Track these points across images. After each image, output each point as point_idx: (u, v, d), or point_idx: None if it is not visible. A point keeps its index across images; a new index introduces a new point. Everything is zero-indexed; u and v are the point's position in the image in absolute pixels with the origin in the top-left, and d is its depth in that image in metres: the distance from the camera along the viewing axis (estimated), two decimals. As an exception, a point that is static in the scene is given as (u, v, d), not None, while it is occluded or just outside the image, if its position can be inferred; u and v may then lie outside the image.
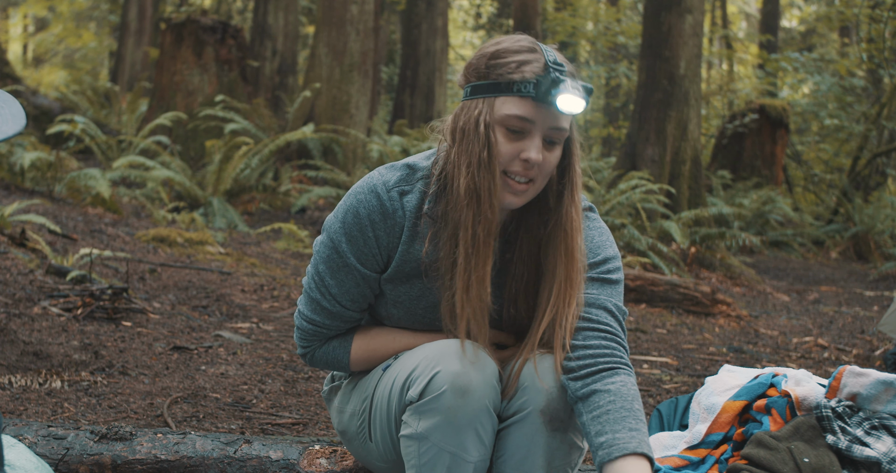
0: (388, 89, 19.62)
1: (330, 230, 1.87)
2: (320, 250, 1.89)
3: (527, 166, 1.75)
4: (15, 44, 29.59)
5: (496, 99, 1.75)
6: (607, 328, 1.79)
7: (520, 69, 1.73)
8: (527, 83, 1.72)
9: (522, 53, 1.75)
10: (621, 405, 1.70)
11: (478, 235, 1.76)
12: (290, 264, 6.36)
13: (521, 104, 1.73)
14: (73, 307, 4.26)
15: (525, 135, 1.75)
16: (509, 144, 1.75)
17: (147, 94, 13.70)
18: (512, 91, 1.73)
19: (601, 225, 1.92)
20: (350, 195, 1.87)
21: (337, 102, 10.22)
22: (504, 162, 1.76)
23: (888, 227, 10.86)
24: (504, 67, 1.75)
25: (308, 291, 1.92)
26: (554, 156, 1.78)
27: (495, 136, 1.75)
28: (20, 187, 7.22)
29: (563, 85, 1.70)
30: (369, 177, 1.87)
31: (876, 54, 11.50)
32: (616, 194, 8.17)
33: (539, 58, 1.74)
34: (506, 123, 1.74)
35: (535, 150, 1.74)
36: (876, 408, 2.33)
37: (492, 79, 1.76)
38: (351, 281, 1.87)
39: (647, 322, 5.43)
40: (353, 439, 1.98)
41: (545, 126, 1.74)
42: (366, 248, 1.84)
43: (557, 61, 1.74)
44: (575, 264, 1.79)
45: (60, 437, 2.23)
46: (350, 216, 1.84)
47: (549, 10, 18.31)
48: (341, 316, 1.92)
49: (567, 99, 1.70)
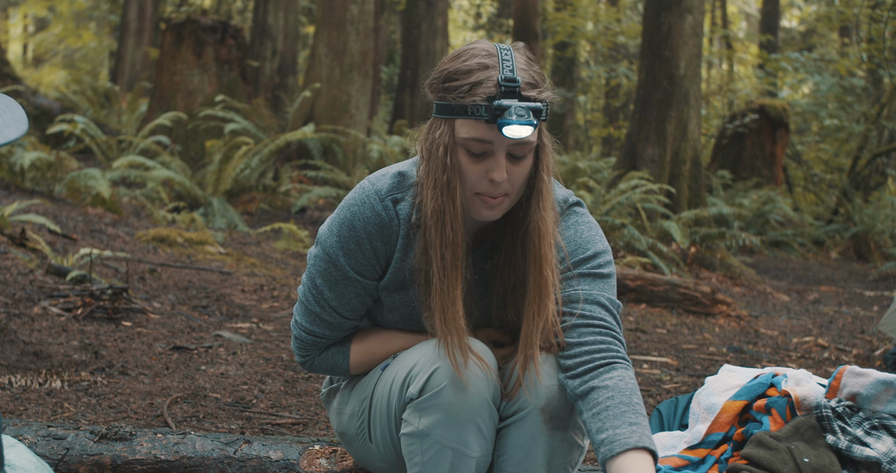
0: (388, 89, 19.62)
1: (325, 244, 1.85)
2: (316, 263, 1.87)
3: (494, 186, 1.73)
4: (15, 44, 29.59)
5: (455, 121, 1.73)
6: (601, 322, 1.79)
7: (471, 92, 1.69)
8: (478, 107, 1.68)
9: (475, 73, 1.70)
10: (619, 400, 1.70)
11: (445, 258, 1.75)
12: (290, 264, 6.36)
13: (476, 127, 1.70)
14: (73, 306, 4.26)
15: (487, 155, 1.72)
16: (474, 166, 1.73)
17: (147, 94, 13.69)
18: (467, 114, 1.69)
19: (589, 220, 1.91)
20: (343, 208, 1.85)
21: (337, 102, 10.22)
22: (472, 184, 1.74)
23: (888, 227, 10.86)
24: (457, 90, 1.71)
25: (306, 303, 1.90)
26: (523, 168, 1.75)
27: (458, 159, 1.73)
28: (20, 187, 7.22)
29: (508, 112, 1.65)
30: (361, 188, 1.85)
31: (876, 54, 11.50)
32: (616, 194, 8.16)
33: (492, 75, 1.69)
34: (466, 145, 1.72)
35: (499, 170, 1.71)
36: (876, 408, 2.33)
37: (448, 101, 1.72)
38: (351, 292, 1.87)
39: (647, 322, 5.43)
40: (353, 440, 1.98)
41: (506, 145, 1.71)
42: (364, 259, 1.84)
43: (509, 77, 1.68)
44: (542, 271, 1.76)
45: (60, 437, 2.23)
46: (346, 230, 1.83)
47: (549, 10, 18.30)
48: (341, 326, 1.92)
49: (512, 129, 1.66)
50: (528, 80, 1.71)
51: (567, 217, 1.89)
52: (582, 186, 8.87)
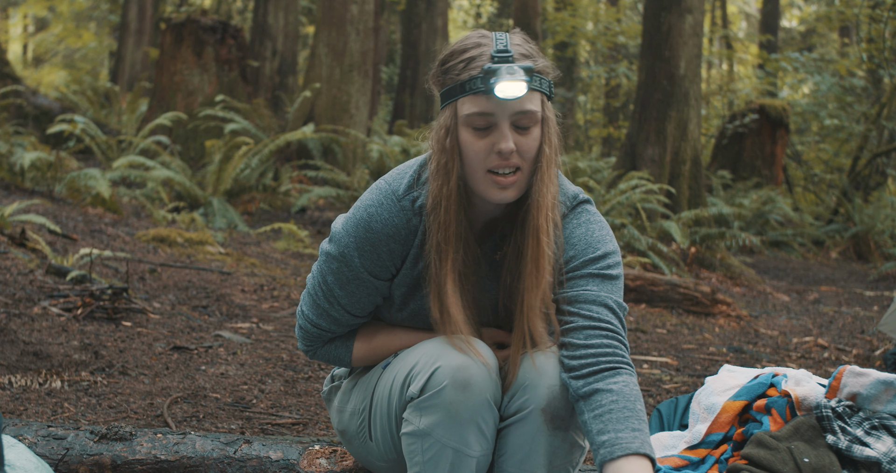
0: (388, 89, 19.62)
1: (340, 243, 1.84)
2: (328, 261, 1.86)
3: (503, 157, 1.73)
4: (15, 44, 29.59)
5: (457, 102, 1.74)
6: (609, 325, 1.78)
7: (467, 68, 1.72)
8: (474, 79, 1.71)
9: (469, 51, 1.74)
10: (624, 404, 1.70)
11: (438, 243, 1.76)
12: (290, 264, 6.36)
13: (475, 101, 1.72)
14: (73, 307, 4.25)
15: (491, 129, 1.73)
16: (480, 142, 1.74)
17: (147, 94, 13.70)
18: (466, 91, 1.72)
19: (600, 219, 1.90)
20: (360, 208, 1.84)
21: (337, 102, 10.22)
22: (481, 161, 1.74)
23: (888, 227, 10.86)
24: (453, 70, 1.74)
25: (314, 297, 1.90)
26: (531, 139, 1.75)
27: (462, 139, 1.74)
28: (20, 187, 7.22)
29: (499, 72, 1.67)
30: (378, 188, 1.84)
31: (876, 54, 11.50)
32: (616, 194, 8.17)
33: (485, 50, 1.72)
34: (470, 123, 1.73)
35: (505, 139, 1.72)
36: (876, 408, 2.33)
37: (448, 85, 1.75)
38: (362, 292, 1.87)
39: (647, 322, 5.43)
40: (354, 438, 1.98)
41: (508, 114, 1.72)
42: (378, 261, 1.83)
43: (503, 48, 1.71)
44: (540, 242, 1.76)
45: (60, 437, 2.23)
46: (362, 230, 1.82)
47: (549, 10, 18.31)
48: (348, 322, 1.92)
49: (504, 87, 1.68)
50: (522, 52, 1.74)
51: (578, 215, 1.88)
52: (582, 186, 8.87)
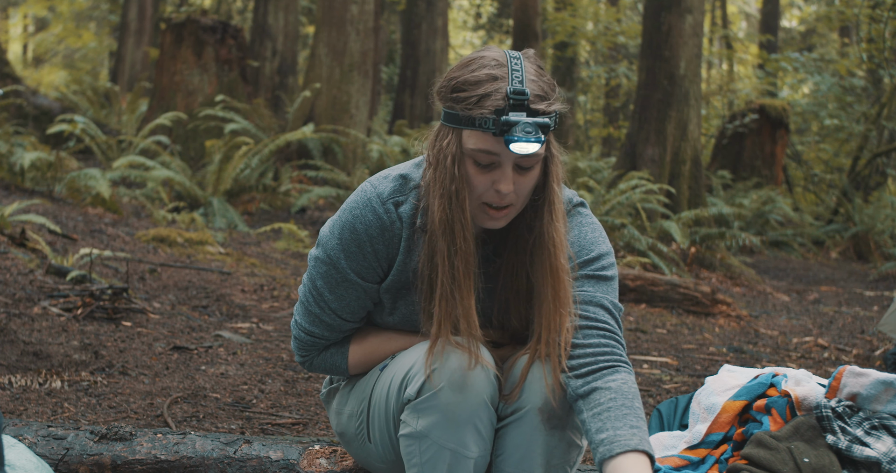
0: (388, 89, 19.62)
1: (326, 246, 1.85)
2: (317, 265, 1.87)
3: (500, 196, 1.73)
4: (15, 44, 29.59)
5: (462, 131, 1.73)
6: (605, 325, 1.79)
7: (479, 104, 1.68)
8: (486, 120, 1.67)
9: (484, 85, 1.69)
10: (622, 402, 1.70)
11: (457, 267, 1.74)
12: (290, 264, 6.36)
13: (483, 139, 1.70)
14: (73, 307, 4.26)
15: (494, 167, 1.72)
16: (481, 177, 1.73)
17: (147, 94, 13.69)
18: (474, 126, 1.69)
19: (593, 221, 1.91)
20: (345, 210, 1.85)
21: (337, 102, 10.22)
22: (479, 194, 1.74)
23: (888, 227, 10.86)
24: (465, 101, 1.70)
25: (306, 304, 1.91)
26: (529, 179, 1.75)
27: (466, 169, 1.73)
28: (20, 187, 7.22)
29: (515, 129, 1.65)
30: (363, 190, 1.85)
31: (876, 54, 11.49)
32: (616, 194, 8.17)
33: (501, 87, 1.68)
34: (473, 156, 1.72)
35: (506, 181, 1.71)
36: (876, 408, 2.33)
37: (456, 111, 1.72)
38: (352, 295, 1.87)
39: (647, 322, 5.43)
40: (352, 440, 1.99)
41: (512, 158, 1.71)
42: (365, 262, 1.84)
43: (518, 89, 1.67)
44: (561, 282, 1.77)
45: (60, 437, 2.23)
46: (347, 232, 1.83)
47: (549, 10, 18.30)
48: (340, 328, 1.93)
49: (518, 146, 1.66)
50: (538, 92, 1.70)
51: (571, 218, 1.89)
52: (582, 186, 8.87)
